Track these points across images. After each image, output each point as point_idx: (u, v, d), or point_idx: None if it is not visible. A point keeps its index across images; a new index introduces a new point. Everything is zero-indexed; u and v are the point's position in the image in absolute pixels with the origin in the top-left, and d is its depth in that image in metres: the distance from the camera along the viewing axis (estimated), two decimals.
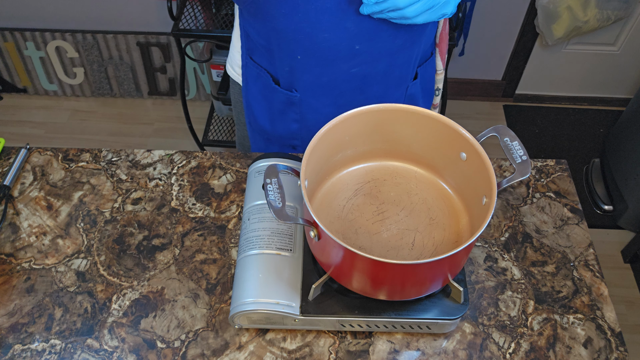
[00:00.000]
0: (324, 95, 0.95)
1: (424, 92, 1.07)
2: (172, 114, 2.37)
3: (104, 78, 2.33)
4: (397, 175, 0.86)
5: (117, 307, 0.83)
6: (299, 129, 1.03)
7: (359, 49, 0.87)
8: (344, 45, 0.86)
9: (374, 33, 0.85)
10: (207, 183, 0.97)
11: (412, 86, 1.01)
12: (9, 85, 2.37)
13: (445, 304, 0.76)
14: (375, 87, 0.95)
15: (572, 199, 0.96)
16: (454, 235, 0.79)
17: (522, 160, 0.72)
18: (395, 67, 0.93)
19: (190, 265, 0.87)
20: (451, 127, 0.76)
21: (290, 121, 1.02)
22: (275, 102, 1.00)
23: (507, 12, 2.09)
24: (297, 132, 1.03)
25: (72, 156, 1.01)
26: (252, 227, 0.81)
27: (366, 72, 0.92)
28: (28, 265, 0.87)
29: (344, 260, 0.69)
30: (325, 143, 0.77)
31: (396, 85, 0.97)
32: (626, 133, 1.99)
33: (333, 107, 0.97)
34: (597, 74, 2.33)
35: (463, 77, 2.36)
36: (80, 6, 2.13)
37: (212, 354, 0.78)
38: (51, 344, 0.79)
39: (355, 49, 0.87)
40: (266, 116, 1.04)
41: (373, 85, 0.95)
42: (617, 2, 1.95)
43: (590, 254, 0.89)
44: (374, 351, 0.79)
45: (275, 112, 1.02)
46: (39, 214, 0.93)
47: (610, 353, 0.79)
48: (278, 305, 0.74)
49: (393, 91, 0.98)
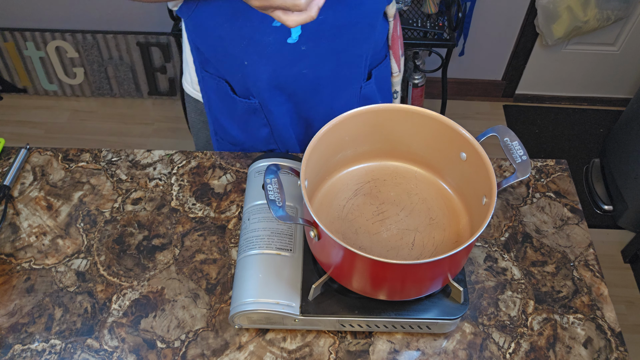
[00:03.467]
0: (279, 96, 0.95)
1: (381, 93, 1.07)
2: (172, 114, 2.37)
3: (104, 78, 2.33)
4: (397, 175, 0.86)
5: (117, 307, 0.83)
6: (270, 133, 1.02)
7: (304, 50, 0.87)
8: (289, 48, 0.87)
9: (318, 33, 0.86)
10: (207, 183, 0.97)
11: (365, 86, 1.01)
12: (9, 85, 2.37)
13: (445, 304, 0.76)
14: (327, 86, 0.96)
15: (572, 199, 0.96)
16: (454, 235, 0.79)
17: (522, 160, 0.72)
18: (344, 66, 0.94)
19: (190, 265, 0.87)
20: (451, 127, 0.76)
21: (259, 127, 1.01)
22: (239, 111, 0.99)
23: (507, 12, 2.09)
24: (270, 136, 1.03)
25: (72, 156, 1.01)
26: (252, 227, 0.81)
27: (315, 73, 0.92)
28: (28, 265, 0.87)
29: (344, 260, 0.69)
30: (325, 143, 0.77)
31: (347, 84, 0.98)
32: (626, 133, 1.99)
33: (290, 106, 0.98)
34: (597, 74, 2.33)
35: (463, 77, 2.37)
36: (80, 6, 2.13)
37: (212, 354, 0.78)
38: (51, 344, 0.79)
39: (301, 50, 0.87)
40: (235, 126, 1.03)
41: (325, 85, 0.95)
42: (617, 2, 1.96)
43: (590, 254, 0.89)
44: (374, 351, 0.79)
45: (243, 122, 1.01)
46: (39, 214, 0.93)
47: (610, 353, 0.79)
48: (278, 305, 0.74)
49: (345, 91, 0.99)
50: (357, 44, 0.92)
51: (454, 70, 2.33)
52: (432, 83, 2.35)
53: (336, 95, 0.98)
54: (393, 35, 1.02)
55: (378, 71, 1.04)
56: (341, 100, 0.99)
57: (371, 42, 0.95)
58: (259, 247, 0.79)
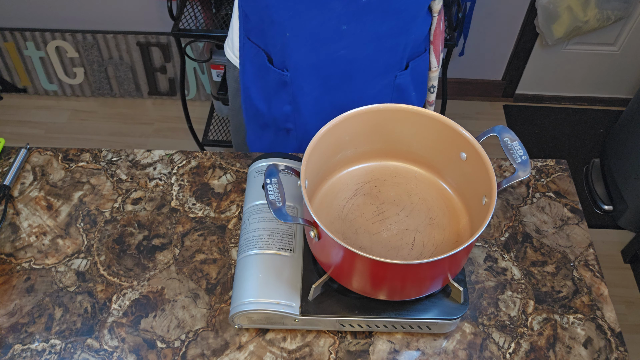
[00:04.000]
0: (313, 76, 0.96)
1: (415, 85, 1.08)
2: (172, 114, 2.37)
3: (104, 78, 2.33)
4: (397, 175, 0.86)
5: (117, 307, 0.83)
6: (292, 111, 1.04)
7: (345, 29, 0.88)
8: (331, 25, 0.87)
9: (361, 15, 0.86)
10: (207, 183, 0.97)
11: (400, 76, 1.02)
12: (9, 85, 2.37)
13: (445, 304, 0.76)
14: (362, 72, 0.96)
15: (572, 199, 0.96)
16: (454, 235, 0.79)
17: (522, 160, 0.72)
18: (382, 53, 0.94)
19: (190, 265, 0.87)
20: (451, 127, 0.76)
21: (283, 103, 1.03)
22: (270, 82, 1.01)
23: (507, 12, 2.09)
24: (290, 114, 1.04)
25: (72, 156, 1.01)
26: (252, 227, 0.81)
27: (353, 55, 0.93)
28: (28, 265, 0.87)
29: (344, 260, 0.69)
30: (325, 143, 0.77)
31: (383, 72, 0.98)
32: (626, 133, 1.99)
33: (321, 89, 0.99)
34: (597, 74, 2.33)
35: (463, 77, 2.36)
36: (80, 6, 2.13)
37: (212, 354, 0.78)
38: (51, 344, 0.79)
39: (342, 29, 0.88)
40: (261, 97, 1.05)
41: (360, 70, 0.96)
42: (617, 2, 1.95)
43: (590, 254, 0.89)
44: (374, 351, 0.79)
45: (270, 93, 1.03)
46: (39, 214, 0.93)
47: (610, 353, 0.79)
48: (278, 305, 0.74)
49: (380, 78, 0.99)
50: (399, 32, 0.92)
51: (454, 70, 2.33)
52: None
53: (370, 82, 0.99)
54: (436, 31, 1.03)
55: (416, 63, 1.04)
56: (375, 88, 1.00)
57: (412, 33, 0.95)
58: (259, 247, 0.79)
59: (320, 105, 1.02)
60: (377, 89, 1.00)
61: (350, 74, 0.96)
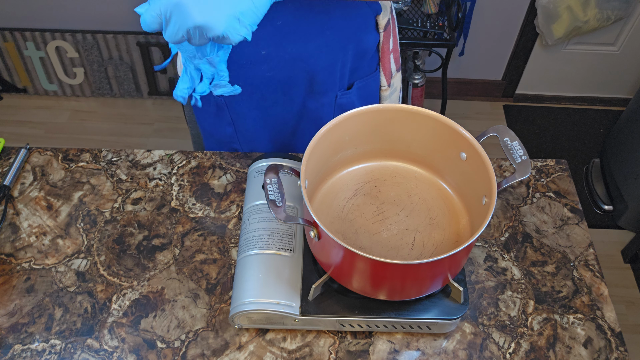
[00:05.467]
0: (246, 98, 0.95)
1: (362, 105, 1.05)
2: (172, 114, 2.37)
3: (104, 78, 2.33)
4: (397, 175, 0.86)
5: (117, 307, 0.83)
6: (234, 132, 1.02)
7: (265, 54, 0.86)
8: (250, 51, 0.86)
9: (279, 39, 0.84)
10: (207, 183, 0.97)
11: (343, 96, 0.98)
12: (9, 85, 2.37)
13: (445, 304, 0.76)
14: (296, 90, 0.94)
15: (572, 199, 0.96)
16: (454, 235, 0.79)
17: (522, 160, 0.72)
18: (315, 73, 0.92)
19: (190, 265, 0.87)
20: (451, 127, 0.76)
21: (224, 125, 1.01)
22: (208, 105, 0.99)
23: (507, 12, 2.09)
24: (234, 135, 1.03)
25: (72, 156, 1.01)
26: (252, 227, 0.81)
27: (281, 76, 0.90)
28: (28, 265, 0.87)
29: (344, 260, 0.69)
30: (325, 143, 0.77)
31: (320, 91, 0.95)
32: (626, 133, 1.99)
33: (259, 109, 0.97)
34: (597, 74, 2.33)
35: (463, 77, 2.37)
36: (80, 6, 2.13)
37: (212, 354, 0.78)
38: (51, 344, 0.79)
39: (262, 54, 0.86)
40: (204, 120, 1.03)
41: (293, 89, 0.94)
42: (617, 2, 1.96)
43: (590, 254, 0.89)
44: (374, 351, 0.79)
45: (211, 116, 1.01)
46: (39, 214, 0.93)
47: (610, 353, 0.79)
48: (278, 305, 0.74)
49: (318, 97, 0.96)
50: (330, 53, 0.89)
51: (454, 70, 2.33)
52: (432, 83, 2.35)
53: (308, 99, 0.96)
54: (384, 48, 0.98)
55: (364, 83, 1.00)
56: (314, 104, 0.97)
57: (347, 53, 0.92)
58: (259, 247, 0.79)
59: (262, 122, 1.00)
60: (317, 105, 0.98)
61: (283, 92, 0.94)
